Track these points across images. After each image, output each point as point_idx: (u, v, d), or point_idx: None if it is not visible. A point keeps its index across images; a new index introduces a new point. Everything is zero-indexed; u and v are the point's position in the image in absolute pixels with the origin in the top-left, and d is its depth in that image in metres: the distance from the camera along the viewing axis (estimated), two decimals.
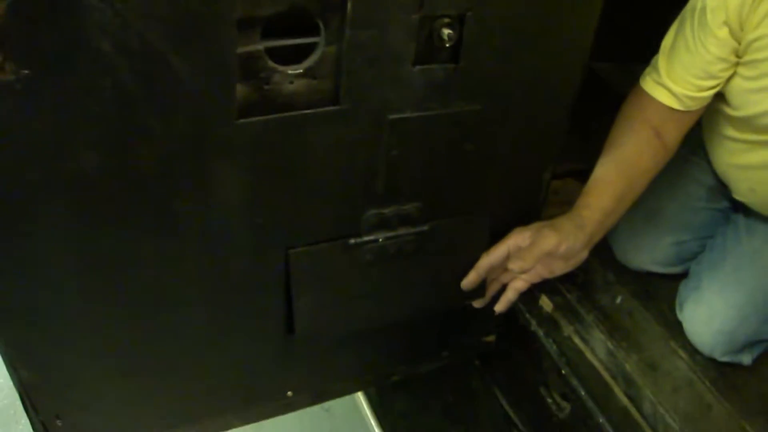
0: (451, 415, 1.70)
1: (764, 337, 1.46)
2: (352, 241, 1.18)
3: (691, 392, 1.42)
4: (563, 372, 1.51)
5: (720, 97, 1.34)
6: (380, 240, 1.19)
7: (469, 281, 1.33)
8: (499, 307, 1.36)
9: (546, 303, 1.57)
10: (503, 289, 1.42)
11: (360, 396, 1.66)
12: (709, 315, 1.44)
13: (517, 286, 1.35)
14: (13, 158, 0.88)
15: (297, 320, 1.22)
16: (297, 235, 1.14)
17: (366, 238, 1.18)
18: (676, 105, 1.31)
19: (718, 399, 1.41)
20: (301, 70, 0.98)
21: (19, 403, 1.97)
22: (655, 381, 1.42)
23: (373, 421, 1.63)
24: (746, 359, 1.46)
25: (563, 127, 1.25)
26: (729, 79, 1.29)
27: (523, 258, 1.25)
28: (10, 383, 1.94)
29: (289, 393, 1.38)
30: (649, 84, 1.34)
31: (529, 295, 1.57)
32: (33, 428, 1.21)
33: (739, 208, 1.55)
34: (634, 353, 1.46)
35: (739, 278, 1.45)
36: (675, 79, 1.29)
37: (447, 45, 1.04)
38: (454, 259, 1.31)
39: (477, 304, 1.41)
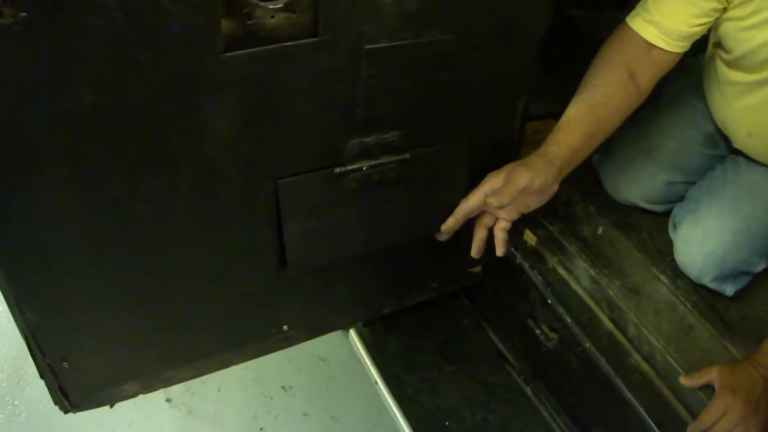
0: (443, 352, 1.74)
1: (750, 269, 1.51)
2: (338, 170, 1.22)
3: (673, 314, 1.47)
4: (549, 302, 1.56)
5: (717, 44, 1.41)
6: (364, 168, 1.23)
7: (448, 226, 1.37)
8: (500, 251, 1.40)
9: (530, 237, 1.62)
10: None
11: (355, 341, 1.70)
12: (704, 236, 1.49)
13: (502, 227, 1.39)
14: (13, 98, 0.91)
15: (288, 248, 1.26)
16: (285, 166, 1.18)
17: (350, 167, 1.22)
18: (661, 43, 1.36)
19: (700, 320, 1.46)
20: (281, 5, 1.01)
21: (22, 371, 2.04)
22: (638, 305, 1.47)
23: (369, 363, 1.67)
24: (729, 289, 1.51)
25: (534, 56, 1.28)
26: (722, 25, 1.35)
27: (501, 194, 1.29)
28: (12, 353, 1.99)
29: (285, 327, 1.42)
30: (637, 22, 1.38)
31: (513, 230, 1.62)
32: (40, 373, 1.24)
33: (738, 154, 1.60)
34: (617, 279, 1.51)
35: (737, 207, 1.50)
36: (666, 15, 1.33)
37: None
38: (436, 187, 1.35)
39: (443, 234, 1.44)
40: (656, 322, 1.45)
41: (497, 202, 1.29)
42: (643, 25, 1.37)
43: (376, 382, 1.66)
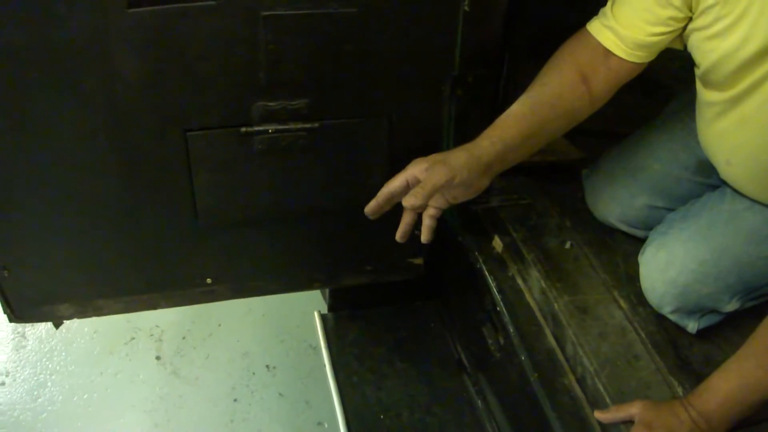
0: (401, 349, 1.71)
1: (717, 306, 1.38)
2: (243, 129, 1.24)
3: (620, 340, 1.38)
4: (498, 309, 1.49)
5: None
6: (270, 131, 1.24)
7: (370, 208, 1.32)
8: (425, 237, 1.36)
9: (497, 243, 1.56)
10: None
11: (316, 323, 1.71)
12: (667, 262, 1.39)
13: (430, 213, 1.34)
14: None
15: (197, 200, 1.30)
16: (193, 119, 1.22)
17: (257, 128, 1.24)
18: (616, 50, 1.29)
19: (649, 352, 1.36)
20: None
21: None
22: (581, 323, 1.39)
23: (323, 346, 1.67)
24: (692, 325, 1.39)
25: (453, 38, 1.24)
26: (689, 37, 1.26)
27: (416, 195, 1.24)
28: None
29: (209, 280, 1.45)
30: (595, 26, 1.32)
31: (483, 235, 1.58)
32: None
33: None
34: (567, 295, 1.44)
35: (710, 234, 1.38)
36: (623, 22, 1.27)
37: None
38: (350, 162, 1.33)
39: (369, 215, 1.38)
40: (596, 345, 1.36)
41: (410, 205, 1.25)
42: (600, 29, 1.31)
43: (325, 366, 1.65)
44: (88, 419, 1.98)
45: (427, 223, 1.34)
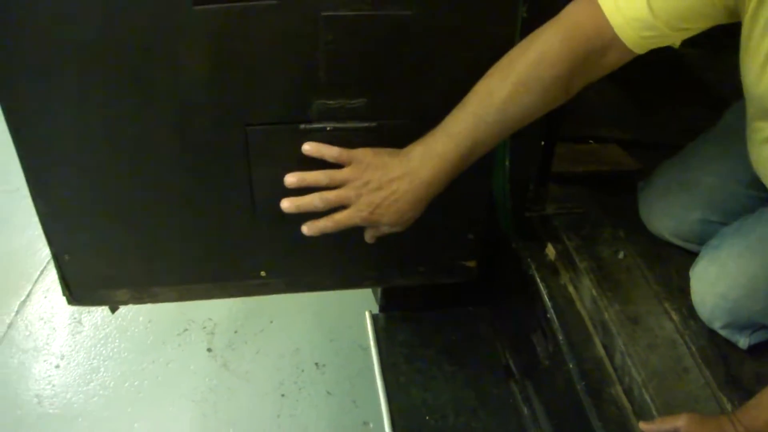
0: (450, 352, 1.71)
1: None
2: (302, 126, 1.26)
3: (669, 352, 1.37)
4: (548, 316, 1.49)
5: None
6: (328, 128, 1.26)
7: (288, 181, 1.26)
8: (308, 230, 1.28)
9: (550, 251, 1.56)
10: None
11: (367, 323, 1.72)
12: (717, 276, 1.37)
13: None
14: (38, 29, 1.11)
15: (255, 191, 1.33)
16: (253, 114, 1.25)
17: (315, 125, 1.26)
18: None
19: (699, 366, 1.35)
20: None
21: None
22: (631, 334, 1.39)
23: (372, 346, 1.68)
24: (743, 341, 1.37)
25: (510, 44, 1.24)
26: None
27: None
28: None
29: (263, 273, 1.46)
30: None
31: (537, 242, 1.58)
32: (53, 261, 1.41)
33: None
34: (618, 305, 1.43)
35: (762, 250, 1.34)
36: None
37: None
38: None
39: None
40: (645, 356, 1.35)
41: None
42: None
43: (373, 366, 1.66)
44: (137, 405, 2.03)
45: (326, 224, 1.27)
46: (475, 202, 1.43)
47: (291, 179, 1.24)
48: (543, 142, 1.51)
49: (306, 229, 1.26)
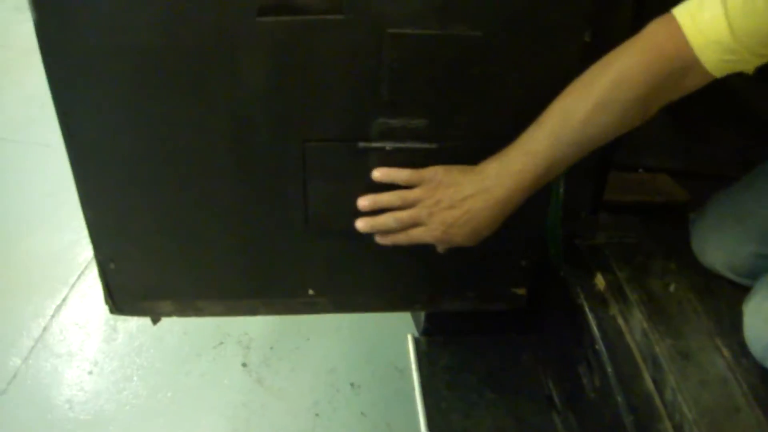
0: (492, 379, 1.68)
1: None
2: (361, 144, 1.24)
3: (721, 390, 1.33)
4: (596, 348, 1.47)
5: None
6: (387, 148, 1.24)
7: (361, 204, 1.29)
8: (381, 240, 1.32)
9: (600, 281, 1.54)
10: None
11: (409, 347, 1.70)
12: None
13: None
14: (96, 34, 1.11)
15: (309, 207, 1.31)
16: (312, 131, 1.23)
17: (374, 145, 1.24)
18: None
19: (751, 404, 1.31)
20: None
21: None
22: (683, 370, 1.35)
23: (414, 370, 1.66)
24: None
25: (573, 67, 1.22)
26: None
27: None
28: None
29: (311, 291, 1.44)
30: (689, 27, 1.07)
31: (586, 271, 1.55)
32: (97, 269, 1.41)
33: None
34: (669, 339, 1.40)
35: None
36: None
37: None
38: None
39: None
40: (697, 393, 1.32)
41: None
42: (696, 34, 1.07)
43: (414, 389, 1.63)
44: (169, 417, 2.02)
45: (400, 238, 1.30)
46: (531, 229, 1.41)
47: (364, 203, 1.26)
48: (597, 170, 1.49)
49: (379, 238, 1.29)
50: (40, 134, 3.07)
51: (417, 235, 1.25)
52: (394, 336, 2.09)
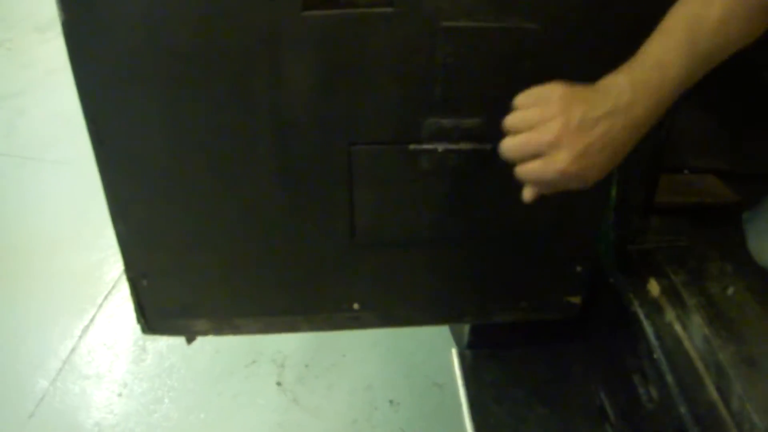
0: (541, 393, 1.62)
1: None
2: (412, 147, 1.18)
3: None
4: (655, 356, 1.40)
5: None
6: (439, 150, 1.18)
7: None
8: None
9: (653, 286, 1.47)
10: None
11: (454, 360, 1.64)
12: None
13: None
14: (127, 34, 1.05)
15: (357, 215, 1.25)
16: (359, 133, 1.17)
17: (425, 146, 1.18)
18: None
19: None
20: None
21: None
22: (749, 377, 1.29)
23: (460, 385, 1.60)
24: None
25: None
26: None
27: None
28: None
29: (356, 305, 1.38)
30: None
31: (638, 277, 1.49)
32: (129, 287, 1.33)
33: None
34: (732, 345, 1.33)
35: None
36: None
37: None
38: (521, 187, 1.26)
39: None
40: (766, 401, 1.26)
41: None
42: None
43: (461, 405, 1.57)
44: None
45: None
46: (589, 230, 1.35)
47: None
48: (648, 171, 1.43)
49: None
50: (64, 152, 3.04)
51: (535, 171, 0.99)
52: (432, 350, 2.04)
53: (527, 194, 1.06)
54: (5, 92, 3.75)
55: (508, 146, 1.00)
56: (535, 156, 0.98)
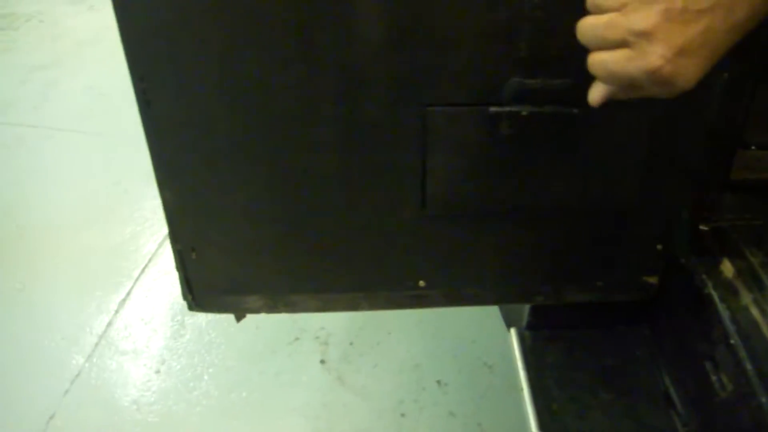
0: (605, 378, 1.55)
1: None
2: (493, 109, 1.09)
3: None
4: (732, 342, 1.33)
5: None
6: (523, 113, 1.10)
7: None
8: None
9: (727, 267, 1.40)
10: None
11: (513, 342, 1.57)
12: None
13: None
14: None
15: (428, 184, 1.17)
16: (435, 93, 1.09)
17: (507, 109, 1.09)
18: None
19: None
20: None
21: None
22: None
23: (520, 367, 1.53)
24: None
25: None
26: None
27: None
28: None
29: (422, 283, 1.31)
30: None
31: (711, 257, 1.42)
32: (175, 260, 1.26)
33: None
34: None
35: None
36: None
37: None
38: (607, 155, 1.18)
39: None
40: None
41: None
42: None
43: (522, 389, 1.50)
44: (244, 419, 1.92)
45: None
46: (673, 205, 1.27)
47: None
48: (724, 144, 1.35)
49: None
50: (96, 125, 2.98)
51: (618, 63, 0.82)
52: (481, 329, 1.97)
53: (595, 94, 0.92)
54: (36, 64, 3.71)
55: (586, 26, 0.85)
56: (618, 45, 0.81)
